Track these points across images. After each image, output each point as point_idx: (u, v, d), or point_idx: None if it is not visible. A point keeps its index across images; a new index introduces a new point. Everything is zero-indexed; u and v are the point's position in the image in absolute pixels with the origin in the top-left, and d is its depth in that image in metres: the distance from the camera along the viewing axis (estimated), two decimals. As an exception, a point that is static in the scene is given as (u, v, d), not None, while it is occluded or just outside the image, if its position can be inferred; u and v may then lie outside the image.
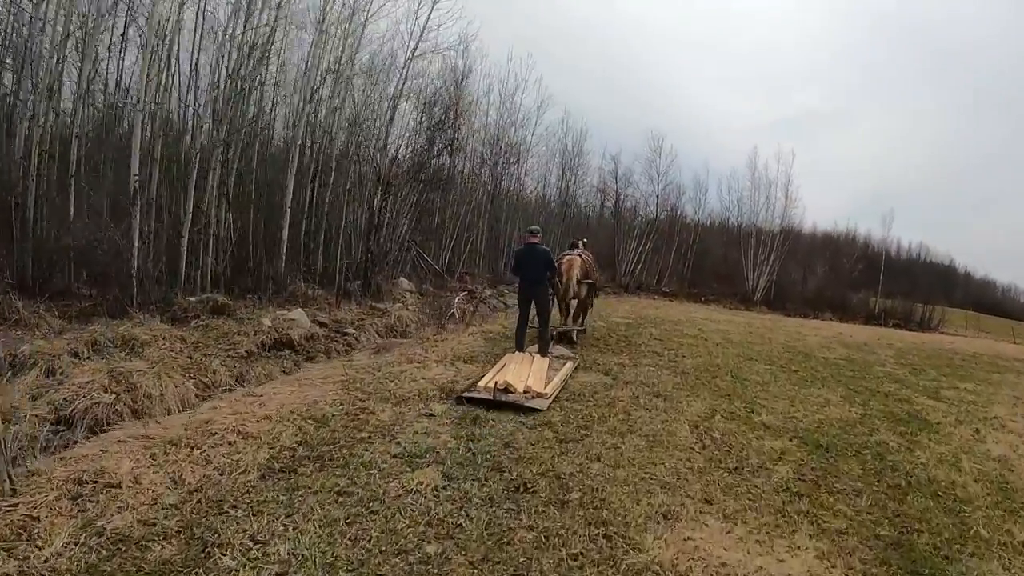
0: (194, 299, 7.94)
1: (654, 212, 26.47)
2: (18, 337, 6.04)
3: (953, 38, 66.43)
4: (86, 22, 9.41)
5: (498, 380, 4.69)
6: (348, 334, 7.98)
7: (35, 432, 4.12)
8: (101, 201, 8.83)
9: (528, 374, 5.10)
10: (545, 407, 4.36)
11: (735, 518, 2.81)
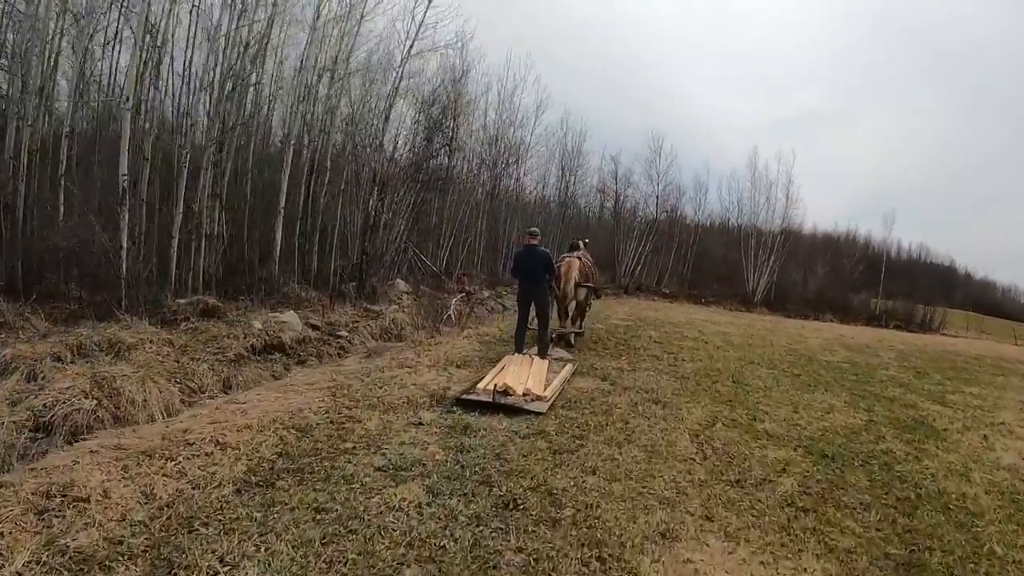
0: (184, 301, 7.78)
1: (654, 213, 26.35)
2: (1, 340, 5.90)
3: (953, 38, 66.49)
4: (77, 20, 9.29)
5: (497, 382, 4.64)
6: (341, 337, 7.83)
7: (12, 440, 4.00)
8: (94, 201, 8.69)
9: (527, 376, 5.05)
10: (544, 410, 4.31)
11: (738, 537, 2.65)
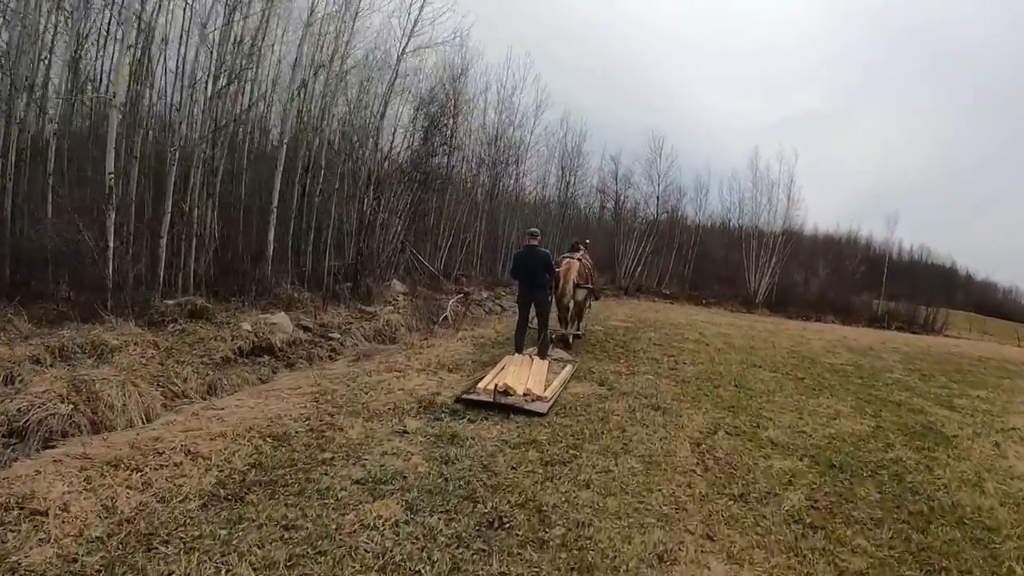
0: (172, 302, 7.60)
1: (654, 213, 26.13)
2: (-20, 342, 5.73)
3: (953, 38, 66.24)
4: (71, 14, 9.13)
5: (498, 382, 4.64)
6: (333, 339, 7.63)
7: (-16, 446, 3.83)
8: (86, 201, 8.52)
9: (528, 376, 5.04)
10: (545, 410, 4.33)
11: (741, 558, 2.44)
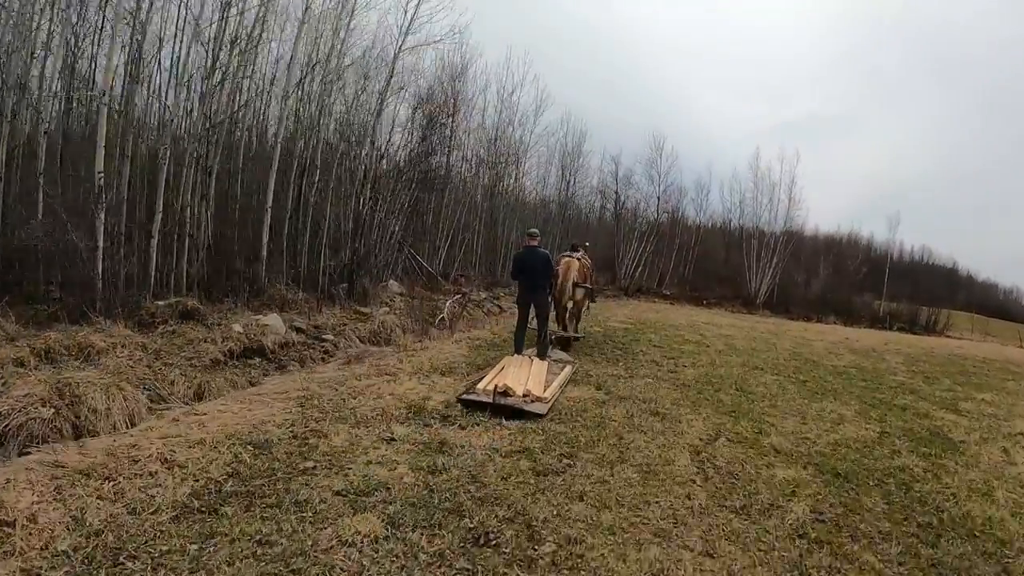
0: (163, 303, 7.46)
1: (655, 214, 26.01)
2: (-38, 345, 5.60)
3: (958, 42, 66.09)
4: (65, 13, 9.01)
5: (497, 383, 4.60)
6: (326, 341, 7.49)
7: (-38, 452, 3.70)
8: (79, 201, 8.40)
9: (527, 377, 5.00)
10: (544, 411, 4.31)
11: (743, 578, 2.30)
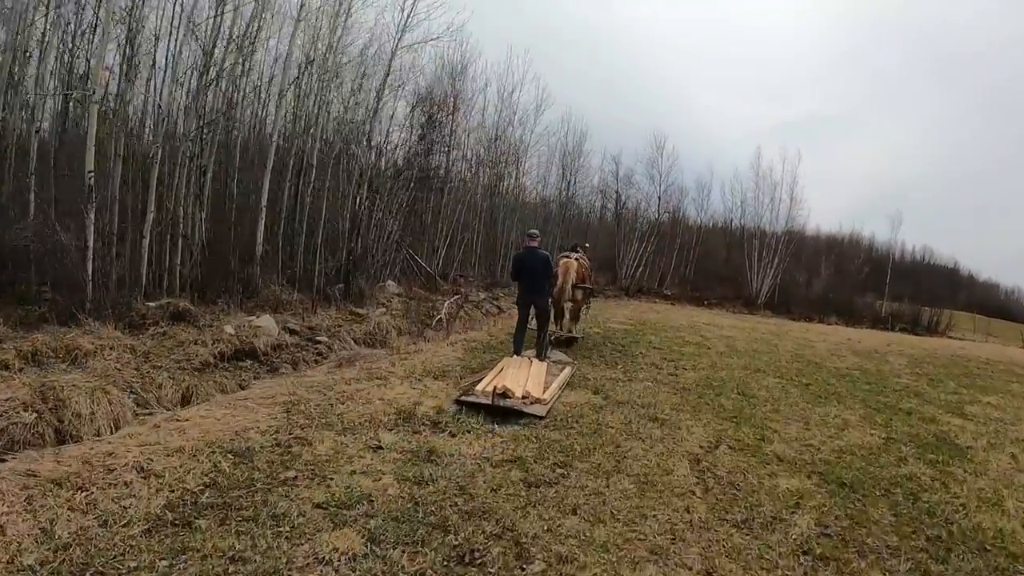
0: (154, 304, 7.34)
1: (656, 214, 25.87)
2: (-54, 347, 5.50)
3: (959, 41, 65.88)
4: (61, 13, 8.90)
5: (496, 384, 4.54)
6: (320, 342, 7.37)
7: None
8: (73, 200, 8.29)
9: (527, 379, 4.94)
10: (544, 413, 4.28)
11: (745, 599, 2.17)
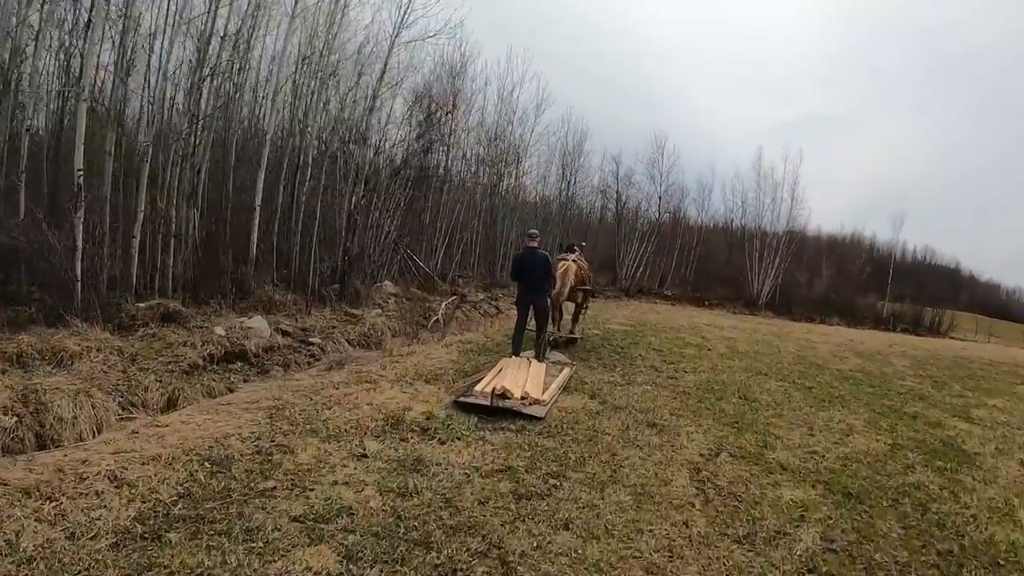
0: (144, 305, 7.21)
1: (656, 214, 25.74)
2: (-72, 349, 5.38)
3: (959, 41, 65.70)
4: (55, 8, 8.78)
5: (495, 385, 4.51)
6: (313, 344, 7.24)
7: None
8: (66, 199, 8.17)
9: (526, 380, 4.89)
10: (543, 414, 4.26)
11: (748, 623, 2.03)
